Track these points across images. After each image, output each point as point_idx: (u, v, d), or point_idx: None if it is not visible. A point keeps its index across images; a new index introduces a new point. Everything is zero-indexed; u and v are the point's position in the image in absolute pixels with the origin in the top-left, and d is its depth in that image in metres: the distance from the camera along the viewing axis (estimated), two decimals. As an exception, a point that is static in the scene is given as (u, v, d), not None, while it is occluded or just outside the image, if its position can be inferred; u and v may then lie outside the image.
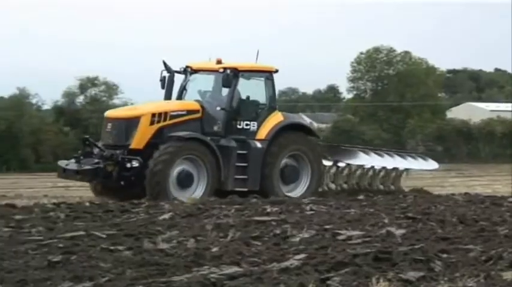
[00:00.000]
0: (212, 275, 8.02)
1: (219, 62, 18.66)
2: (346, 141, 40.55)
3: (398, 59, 58.46)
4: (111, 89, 48.65)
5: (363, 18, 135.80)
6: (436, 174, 29.86)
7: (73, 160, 18.26)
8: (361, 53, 59.51)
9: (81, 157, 18.12)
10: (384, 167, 21.67)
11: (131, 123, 17.85)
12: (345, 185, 21.02)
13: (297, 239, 10.65)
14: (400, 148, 33.05)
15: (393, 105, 55.68)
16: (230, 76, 18.14)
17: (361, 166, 21.33)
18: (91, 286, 7.60)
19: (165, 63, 19.31)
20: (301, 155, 19.08)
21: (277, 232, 11.17)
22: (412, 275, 8.03)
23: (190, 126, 18.11)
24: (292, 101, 72.56)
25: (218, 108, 18.57)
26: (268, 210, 14.10)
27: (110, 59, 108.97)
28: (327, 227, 11.63)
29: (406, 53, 58.86)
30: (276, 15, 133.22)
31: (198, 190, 17.51)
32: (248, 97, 19.22)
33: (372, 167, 21.53)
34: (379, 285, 7.64)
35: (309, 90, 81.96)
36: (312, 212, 14.22)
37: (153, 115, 17.79)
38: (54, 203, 15.82)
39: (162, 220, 12.67)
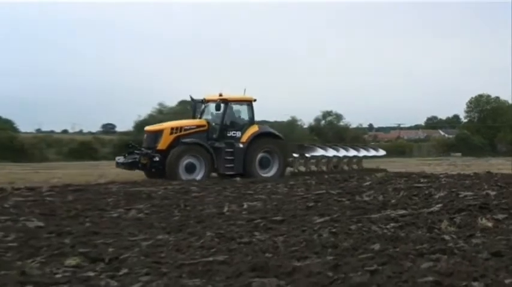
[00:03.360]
0: (392, 215, 12.10)
1: (220, 95, 25.21)
2: (464, 145, 59.27)
3: (492, 100, 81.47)
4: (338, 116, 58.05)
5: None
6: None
7: (122, 157, 25.06)
8: (472, 97, 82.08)
9: (126, 155, 25.00)
10: (335, 156, 28.20)
11: (158, 134, 24.48)
12: (314, 168, 27.42)
13: (437, 196, 15.33)
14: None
15: (489, 125, 72.51)
16: (220, 104, 24.62)
17: (326, 156, 27.91)
18: (329, 219, 11.68)
19: (191, 97, 26.43)
20: (272, 151, 25.48)
21: (426, 192, 16.31)
22: (500, 216, 11.55)
23: (199, 135, 24.45)
24: (434, 122, 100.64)
25: (214, 123, 25.06)
26: (421, 180, 19.85)
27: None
28: (453, 190, 16.63)
29: (497, 97, 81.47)
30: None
31: (200, 174, 23.65)
32: (236, 116, 25.61)
33: (334, 155, 28.09)
34: (482, 221, 10.96)
35: (444, 116, 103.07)
36: (445, 181, 19.56)
37: (172, 129, 24.42)
38: (311, 176, 23.40)
39: (365, 185, 18.71)
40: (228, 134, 25.11)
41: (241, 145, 24.87)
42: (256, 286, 6.89)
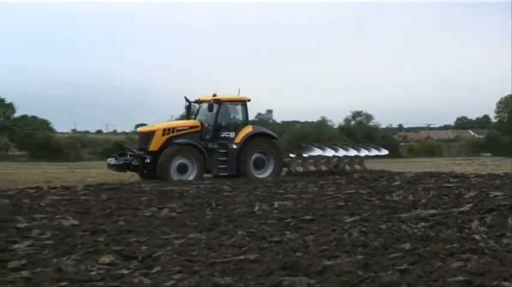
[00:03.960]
0: (422, 214, 12.14)
1: (214, 95, 24.69)
2: (494, 145, 60.00)
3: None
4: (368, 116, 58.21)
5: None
6: None
7: (113, 158, 24.48)
8: (502, 98, 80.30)
9: (118, 156, 24.39)
10: (334, 156, 26.89)
11: (150, 135, 23.83)
12: (312, 168, 26.47)
13: (467, 196, 15.41)
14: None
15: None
16: (212, 105, 24.13)
17: (325, 156, 26.73)
18: (359, 218, 11.78)
19: (185, 98, 25.57)
20: (267, 151, 24.83)
21: (456, 192, 16.32)
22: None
23: (192, 136, 23.84)
24: (464, 123, 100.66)
25: (206, 124, 24.44)
26: (452, 180, 19.73)
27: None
28: (484, 189, 16.66)
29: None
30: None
31: (192, 175, 23.04)
32: (229, 116, 24.98)
33: (333, 155, 26.84)
34: (512, 221, 11.39)
35: (474, 116, 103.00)
36: (475, 181, 19.52)
37: (164, 130, 23.80)
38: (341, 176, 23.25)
39: (395, 185, 18.74)
40: (222, 135, 24.56)
41: (234, 146, 24.30)
42: (287, 284, 6.88)
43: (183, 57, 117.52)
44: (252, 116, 27.71)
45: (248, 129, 24.88)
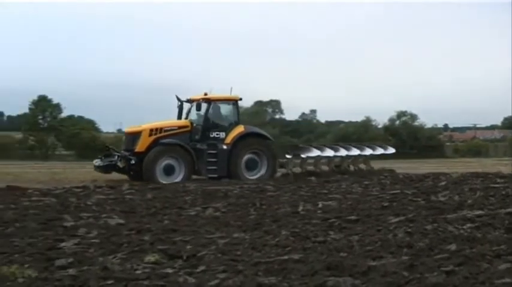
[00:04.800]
0: (468, 215, 12.01)
1: (205, 94, 23.94)
2: None
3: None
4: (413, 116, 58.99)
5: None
6: None
7: (99, 159, 23.75)
8: None
9: (103, 157, 23.74)
10: (335, 155, 25.79)
11: (136, 135, 23.00)
12: (311, 169, 25.40)
13: None
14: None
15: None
16: (200, 104, 23.34)
17: (325, 157, 25.71)
18: (404, 219, 11.73)
19: (176, 97, 24.68)
20: (259, 152, 23.92)
21: (503, 192, 16.14)
22: None
23: (181, 136, 23.06)
24: None
25: (195, 124, 23.66)
26: (498, 181, 19.50)
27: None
28: None
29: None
30: None
31: (179, 177, 22.24)
32: (219, 116, 24.17)
33: (335, 155, 25.78)
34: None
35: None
36: None
37: (151, 130, 22.92)
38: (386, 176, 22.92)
39: (440, 185, 18.56)
40: (211, 135, 23.66)
41: (224, 146, 23.40)
42: (331, 285, 6.86)
43: (225, 58, 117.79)
44: (295, 116, 27.37)
45: (239, 129, 24.00)
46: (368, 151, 26.92)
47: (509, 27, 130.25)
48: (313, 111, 78.63)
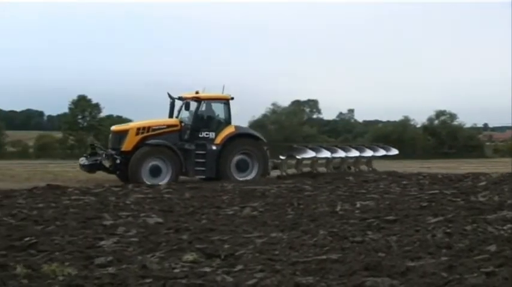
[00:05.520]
0: (508, 216, 11.79)
1: (196, 92, 23.27)
2: None
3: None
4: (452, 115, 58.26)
5: None
6: None
7: (84, 158, 23.10)
8: None
9: (88, 156, 23.09)
10: (333, 157, 25.22)
11: (123, 134, 22.31)
12: (307, 170, 24.68)
13: None
14: None
15: None
16: (188, 103, 22.71)
17: (324, 158, 25.09)
18: (443, 219, 11.55)
19: (168, 94, 23.78)
20: (251, 153, 23.17)
21: None
22: None
23: (170, 136, 22.37)
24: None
25: (183, 124, 22.87)
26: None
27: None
28: None
29: None
30: None
31: (166, 178, 21.48)
32: (209, 116, 23.31)
33: (332, 156, 25.18)
34: None
35: None
36: None
37: (138, 129, 22.26)
38: (424, 176, 22.27)
39: (480, 185, 18.28)
40: (200, 135, 22.87)
41: (214, 147, 22.66)
42: (369, 285, 6.83)
43: (269, 58, 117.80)
44: (333, 115, 26.93)
45: (230, 130, 23.24)
46: (368, 152, 26.46)
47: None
48: (351, 111, 78.37)
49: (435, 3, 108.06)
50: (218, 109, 23.80)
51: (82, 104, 54.72)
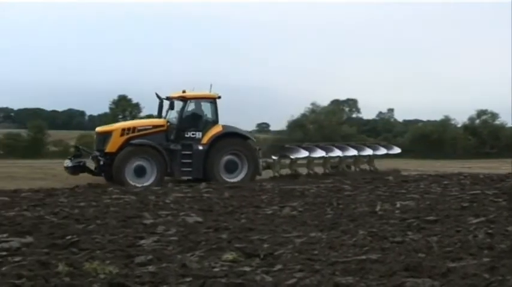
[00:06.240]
0: None
1: (183, 92, 22.77)
2: None
3: None
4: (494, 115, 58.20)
5: None
6: None
7: (69, 160, 22.47)
8: None
9: (72, 158, 22.57)
10: (330, 156, 24.79)
11: (107, 135, 21.81)
12: (301, 170, 24.19)
13: None
14: None
15: None
16: (173, 103, 22.37)
17: (320, 157, 24.59)
18: (484, 220, 11.42)
19: (156, 94, 23.23)
20: (240, 153, 22.54)
21: None
22: None
23: (156, 136, 21.89)
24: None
25: (170, 124, 22.36)
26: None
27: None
28: None
29: None
30: None
31: (150, 179, 21.04)
32: (196, 116, 22.76)
33: (330, 155, 24.71)
34: None
35: None
36: None
37: (123, 129, 21.82)
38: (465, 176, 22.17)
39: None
40: (187, 135, 22.36)
41: (200, 147, 22.11)
42: (409, 286, 6.78)
43: (305, 56, 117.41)
44: (373, 115, 26.50)
45: (217, 129, 22.64)
46: (368, 151, 25.99)
47: None
48: (391, 110, 77.72)
49: (472, 2, 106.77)
50: (205, 108, 23.36)
51: (122, 103, 55.24)
